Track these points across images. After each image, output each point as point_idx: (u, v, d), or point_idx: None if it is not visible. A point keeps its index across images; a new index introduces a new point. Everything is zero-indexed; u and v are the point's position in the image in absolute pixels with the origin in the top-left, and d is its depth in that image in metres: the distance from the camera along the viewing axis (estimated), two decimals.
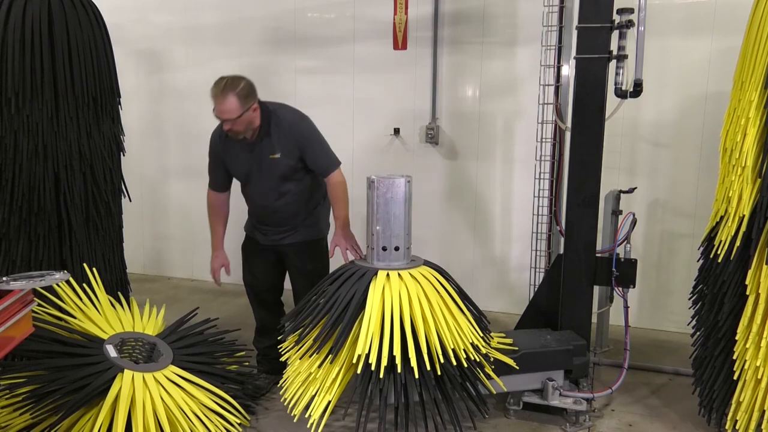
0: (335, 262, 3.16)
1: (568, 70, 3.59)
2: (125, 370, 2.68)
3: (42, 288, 2.60)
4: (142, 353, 2.94)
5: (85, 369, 2.65)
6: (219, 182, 3.34)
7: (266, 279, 3.42)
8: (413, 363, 2.56)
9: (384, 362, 2.56)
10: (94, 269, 3.28)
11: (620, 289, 3.23)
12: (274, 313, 3.48)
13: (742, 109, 2.68)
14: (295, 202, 3.24)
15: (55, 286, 3.01)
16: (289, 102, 5.07)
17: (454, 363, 2.67)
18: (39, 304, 2.88)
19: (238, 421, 2.89)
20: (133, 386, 2.62)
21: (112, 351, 2.80)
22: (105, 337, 2.91)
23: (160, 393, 2.68)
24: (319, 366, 2.70)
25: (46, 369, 2.64)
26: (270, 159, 3.11)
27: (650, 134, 4.25)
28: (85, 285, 3.13)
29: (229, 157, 3.22)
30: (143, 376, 2.69)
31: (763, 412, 2.55)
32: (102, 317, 3.05)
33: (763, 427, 2.56)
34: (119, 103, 3.76)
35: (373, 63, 4.79)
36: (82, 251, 3.49)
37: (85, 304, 3.05)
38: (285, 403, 2.82)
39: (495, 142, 4.61)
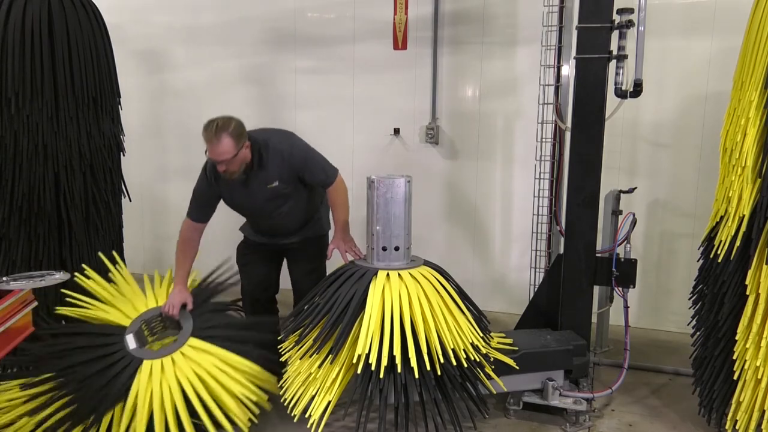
0: (334, 262, 3.15)
1: (568, 70, 3.60)
2: (144, 362, 2.75)
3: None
4: (171, 325, 3.02)
5: (106, 373, 2.72)
6: (201, 215, 3.20)
7: (264, 277, 3.41)
8: (413, 363, 2.56)
9: (384, 362, 2.56)
10: (114, 253, 3.37)
11: (620, 289, 3.23)
12: (268, 312, 3.47)
13: (742, 109, 2.68)
14: (297, 214, 3.26)
15: (80, 278, 3.13)
16: (289, 102, 5.12)
17: (454, 363, 2.67)
18: (66, 299, 3.05)
19: (270, 382, 2.94)
20: (150, 381, 2.68)
21: (131, 342, 2.87)
22: (128, 322, 2.99)
23: (184, 372, 2.74)
24: (319, 366, 2.70)
25: (72, 379, 2.70)
26: (268, 188, 3.10)
27: (650, 134, 4.25)
28: (110, 266, 3.25)
29: (225, 192, 3.16)
30: (162, 362, 2.75)
31: (763, 412, 2.55)
32: (125, 300, 3.13)
33: (763, 427, 2.56)
34: (119, 103, 3.76)
35: (373, 63, 4.79)
36: (82, 251, 3.49)
37: (109, 292, 3.13)
38: (285, 403, 2.82)
39: (495, 142, 4.61)
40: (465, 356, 2.70)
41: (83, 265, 3.22)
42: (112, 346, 2.85)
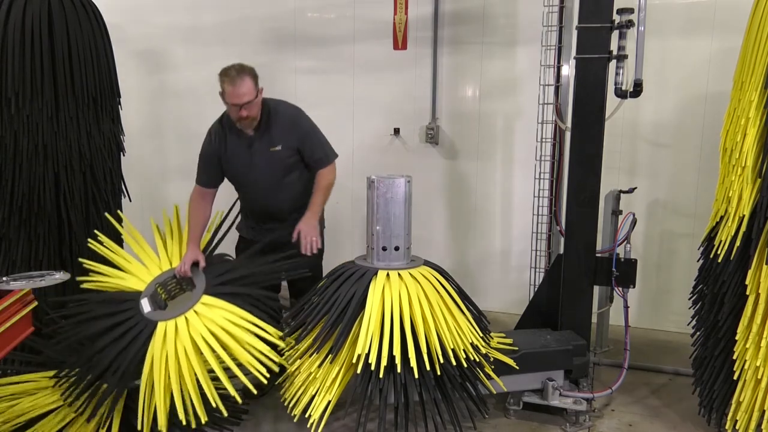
0: (332, 262, 3.15)
1: (568, 70, 3.59)
2: (158, 324, 2.74)
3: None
4: (186, 285, 3.01)
5: (122, 340, 2.72)
6: (209, 179, 3.24)
7: None
8: (413, 363, 2.56)
9: (384, 362, 2.56)
10: (120, 213, 3.45)
11: (620, 289, 3.23)
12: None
13: (742, 109, 2.68)
14: (295, 197, 3.22)
15: (94, 244, 3.14)
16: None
17: (454, 363, 2.67)
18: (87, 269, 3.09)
19: (277, 340, 2.85)
20: (164, 343, 2.67)
21: (146, 306, 2.88)
22: (143, 287, 2.99)
23: (198, 330, 2.72)
24: (319, 366, 2.70)
25: (88, 352, 2.72)
26: (270, 152, 3.12)
27: (650, 134, 4.25)
28: (120, 228, 3.28)
29: (228, 154, 3.18)
30: (176, 323, 2.74)
31: (763, 412, 2.55)
32: (140, 266, 3.12)
33: (763, 427, 2.56)
34: (119, 103, 3.76)
35: (373, 63, 4.79)
36: (82, 251, 3.49)
37: (125, 259, 3.14)
38: (285, 403, 2.82)
39: (495, 142, 4.61)
40: (465, 356, 2.70)
41: (95, 231, 3.23)
42: (128, 312, 2.86)
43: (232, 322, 2.76)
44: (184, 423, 2.54)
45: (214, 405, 2.59)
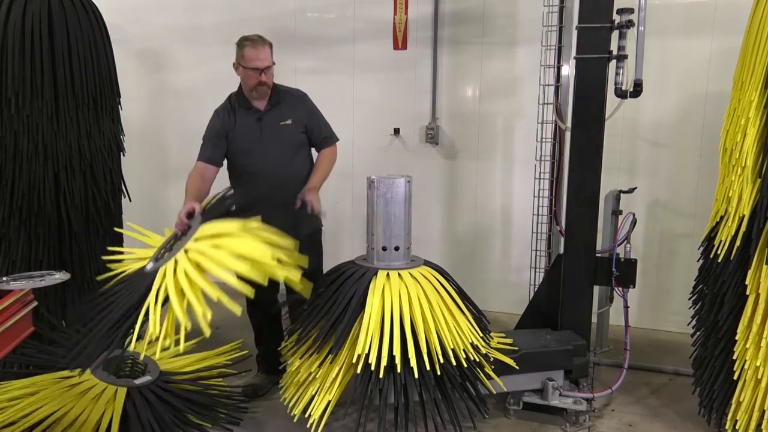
0: (331, 262, 3.15)
1: (568, 70, 3.60)
2: (159, 270, 2.56)
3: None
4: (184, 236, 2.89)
5: (123, 298, 2.62)
6: (213, 154, 3.16)
7: None
8: (413, 363, 2.56)
9: (384, 362, 2.56)
10: (129, 226, 3.35)
11: (620, 289, 3.23)
12: (271, 312, 3.45)
13: (742, 109, 2.68)
14: (302, 180, 3.19)
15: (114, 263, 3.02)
16: None
17: (454, 363, 2.67)
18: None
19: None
20: (164, 278, 2.47)
21: (150, 265, 2.78)
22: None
23: (200, 249, 2.50)
24: (319, 366, 2.70)
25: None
26: (280, 126, 3.18)
27: (650, 134, 4.25)
28: (138, 236, 3.21)
29: (236, 130, 3.16)
30: (175, 259, 2.53)
31: (763, 412, 2.55)
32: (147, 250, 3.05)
33: (763, 427, 2.55)
34: (119, 103, 3.76)
35: (373, 63, 4.79)
36: (82, 251, 3.49)
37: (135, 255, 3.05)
38: (285, 403, 2.82)
39: (495, 142, 4.61)
40: (465, 356, 2.70)
41: (109, 248, 3.13)
42: (130, 280, 2.76)
43: (240, 229, 2.48)
44: (200, 314, 2.21)
45: (215, 299, 2.24)
